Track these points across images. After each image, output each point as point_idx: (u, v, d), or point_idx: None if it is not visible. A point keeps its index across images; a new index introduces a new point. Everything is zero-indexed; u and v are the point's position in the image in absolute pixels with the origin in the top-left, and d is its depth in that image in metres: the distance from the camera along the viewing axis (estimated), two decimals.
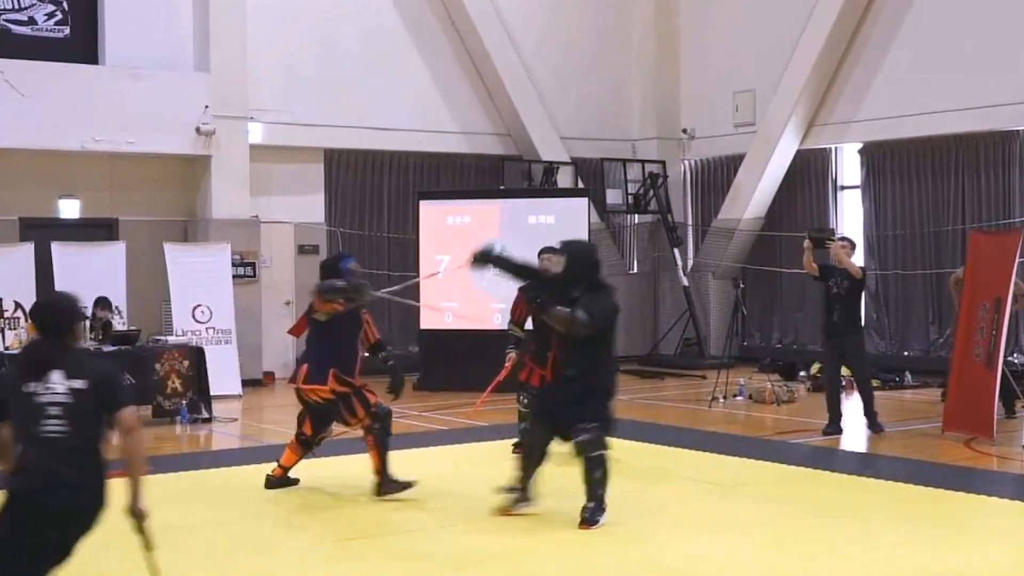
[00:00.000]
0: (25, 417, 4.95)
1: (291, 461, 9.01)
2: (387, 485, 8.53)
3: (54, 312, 5.25)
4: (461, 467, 10.15)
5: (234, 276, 15.83)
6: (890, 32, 17.04)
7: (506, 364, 9.97)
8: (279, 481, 8.99)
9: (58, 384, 4.97)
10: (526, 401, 9.79)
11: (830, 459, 10.38)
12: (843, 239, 12.17)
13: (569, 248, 8.10)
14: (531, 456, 7.98)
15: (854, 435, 11.74)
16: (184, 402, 12.95)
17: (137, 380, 12.65)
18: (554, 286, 7.91)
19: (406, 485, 8.54)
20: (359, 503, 8.40)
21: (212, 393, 13.43)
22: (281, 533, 7.75)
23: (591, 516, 7.64)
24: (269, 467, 10.05)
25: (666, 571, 6.81)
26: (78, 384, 4.98)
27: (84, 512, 5.02)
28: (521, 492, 8.00)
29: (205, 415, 13.06)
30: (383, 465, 8.56)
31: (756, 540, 7.43)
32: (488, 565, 6.97)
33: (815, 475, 9.13)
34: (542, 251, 10.09)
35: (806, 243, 12.06)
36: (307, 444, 8.97)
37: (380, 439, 8.56)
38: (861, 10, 17.25)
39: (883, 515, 8.07)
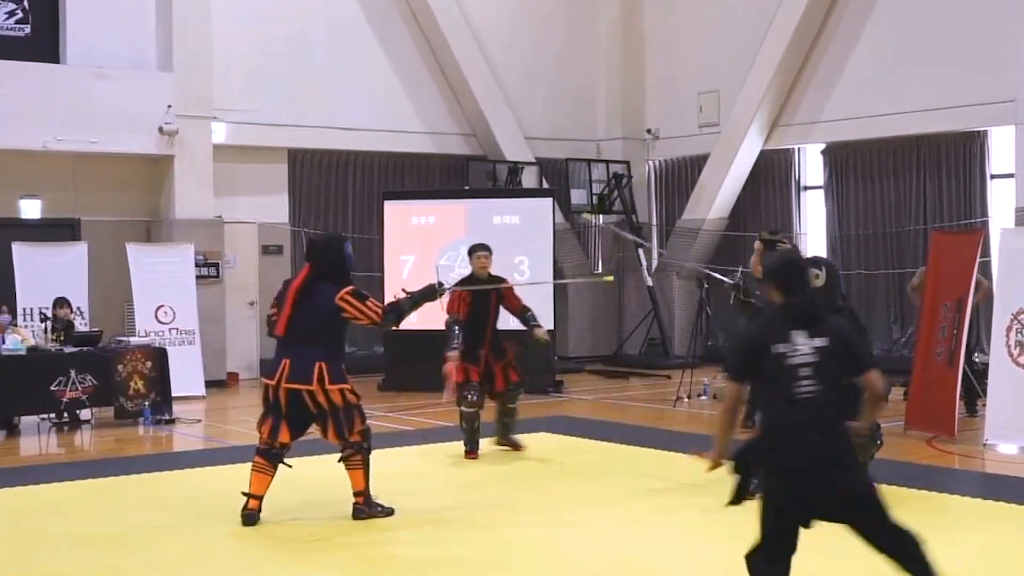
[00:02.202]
0: None
1: (265, 485, 7.95)
2: (372, 508, 8.00)
3: None
4: (427, 467, 10.14)
5: (197, 277, 15.74)
6: (853, 34, 17.15)
7: (451, 366, 9.96)
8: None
9: None
10: (473, 398, 10.18)
11: None
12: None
13: (827, 263, 8.60)
14: None
15: None
16: (147, 403, 12.87)
17: (99, 382, 12.60)
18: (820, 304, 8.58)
19: (389, 511, 8.04)
20: (322, 505, 8.37)
21: (175, 394, 13.37)
22: (247, 536, 7.71)
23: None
24: (232, 467, 10.02)
25: (641, 571, 6.83)
26: None
27: None
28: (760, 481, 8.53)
29: (168, 416, 12.98)
30: (368, 486, 8.01)
31: (726, 538, 7.46)
32: (465, 568, 6.97)
33: None
34: (474, 249, 10.43)
35: (757, 244, 12.20)
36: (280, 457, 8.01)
37: (367, 458, 7.98)
38: (824, 12, 17.36)
39: None
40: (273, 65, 17.22)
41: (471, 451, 10.44)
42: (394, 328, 8.35)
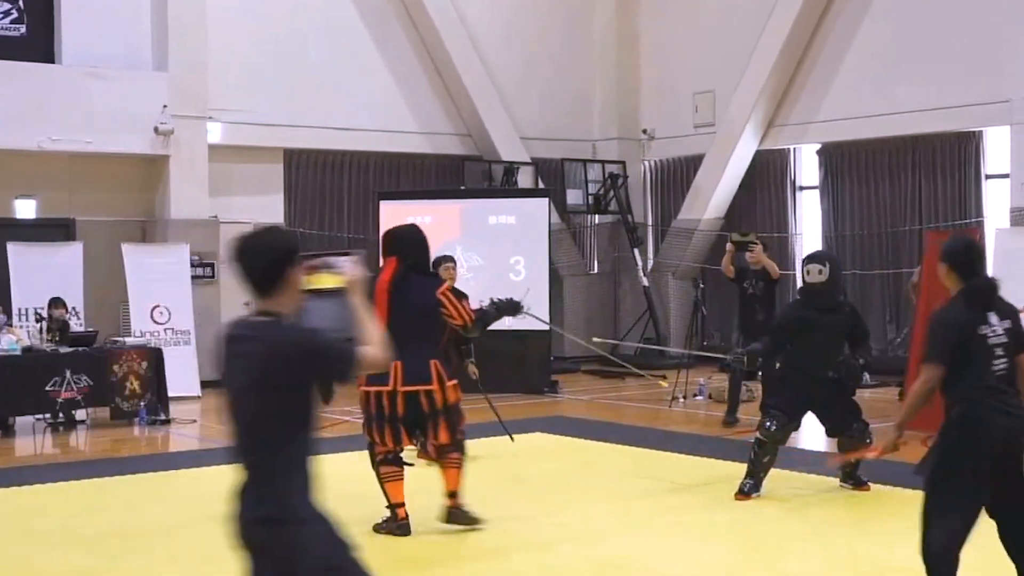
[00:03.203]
0: None
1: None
2: (463, 512, 7.67)
3: None
4: (424, 468, 10.13)
5: (193, 277, 15.73)
6: (848, 34, 17.17)
7: None
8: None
9: None
10: None
11: (789, 458, 10.43)
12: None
13: (830, 258, 8.80)
14: (772, 452, 8.52)
15: (810, 433, 11.81)
16: (143, 404, 12.85)
17: (95, 382, 12.58)
18: (825, 298, 8.54)
19: (475, 520, 7.67)
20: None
21: (171, 395, 13.35)
22: None
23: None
24: (228, 468, 10.01)
25: (640, 571, 6.83)
26: None
27: None
28: (756, 482, 8.55)
29: (164, 417, 12.97)
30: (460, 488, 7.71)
31: (719, 538, 7.47)
32: (464, 568, 6.96)
33: (774, 474, 9.17)
34: (441, 260, 9.30)
35: (728, 246, 12.32)
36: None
37: (463, 458, 7.74)
38: (819, 12, 17.38)
39: (842, 512, 8.13)
40: (269, 65, 17.19)
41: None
42: (477, 336, 8.19)
